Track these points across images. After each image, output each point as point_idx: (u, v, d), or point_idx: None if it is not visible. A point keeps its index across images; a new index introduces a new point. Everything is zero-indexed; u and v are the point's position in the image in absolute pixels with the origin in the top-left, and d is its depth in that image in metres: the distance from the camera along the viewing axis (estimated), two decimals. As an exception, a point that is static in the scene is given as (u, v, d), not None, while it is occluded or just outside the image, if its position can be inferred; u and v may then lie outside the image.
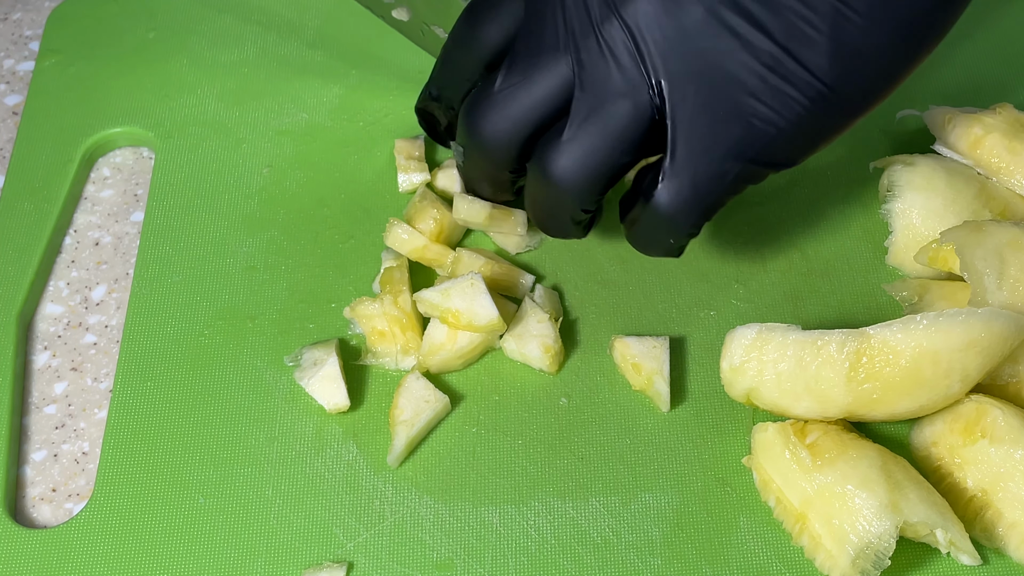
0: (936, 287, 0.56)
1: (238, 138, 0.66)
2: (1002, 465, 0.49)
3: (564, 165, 0.49)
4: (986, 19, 0.70)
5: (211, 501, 0.52)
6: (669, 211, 0.49)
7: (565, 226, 0.53)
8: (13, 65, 0.72)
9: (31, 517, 0.53)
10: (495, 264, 0.57)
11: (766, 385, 0.50)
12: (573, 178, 0.49)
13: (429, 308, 0.54)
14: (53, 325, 0.60)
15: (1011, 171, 0.58)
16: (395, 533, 0.51)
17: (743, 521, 0.51)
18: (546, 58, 0.49)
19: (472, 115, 0.51)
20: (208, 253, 0.61)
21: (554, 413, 0.55)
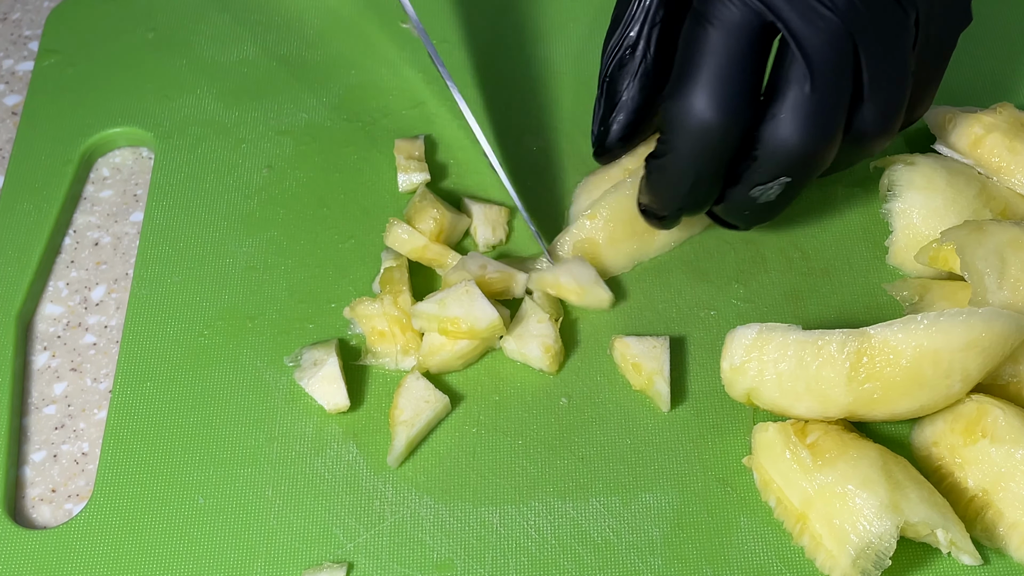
0: (937, 287, 0.56)
1: (238, 138, 0.65)
2: (1003, 465, 0.49)
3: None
4: (986, 19, 0.70)
5: (211, 501, 0.52)
6: (881, 130, 0.51)
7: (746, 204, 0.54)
8: (12, 65, 0.72)
9: (31, 518, 0.53)
10: (486, 270, 0.57)
11: (766, 385, 0.50)
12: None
13: (427, 321, 0.54)
14: (53, 325, 0.60)
15: (1011, 170, 0.58)
16: (395, 533, 0.51)
17: (744, 521, 0.51)
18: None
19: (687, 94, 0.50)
20: (208, 253, 0.61)
21: (554, 413, 0.55)
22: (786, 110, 0.49)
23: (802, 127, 0.49)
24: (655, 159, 0.52)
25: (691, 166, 0.51)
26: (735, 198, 0.53)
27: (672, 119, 0.50)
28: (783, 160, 0.50)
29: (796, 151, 0.50)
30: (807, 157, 0.50)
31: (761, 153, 0.50)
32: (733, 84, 0.49)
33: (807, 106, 0.49)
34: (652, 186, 0.54)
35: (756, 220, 0.56)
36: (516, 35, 0.70)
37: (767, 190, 0.52)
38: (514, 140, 0.65)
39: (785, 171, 0.51)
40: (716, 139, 0.50)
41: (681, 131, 0.50)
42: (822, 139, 0.50)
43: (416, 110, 0.66)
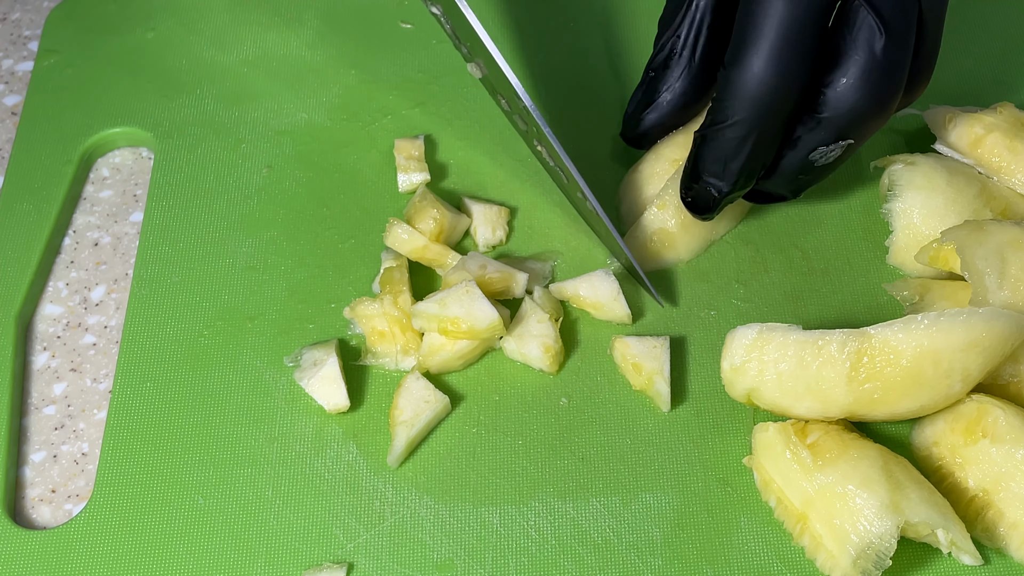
0: (937, 287, 0.56)
1: (237, 138, 0.65)
2: (1003, 465, 0.49)
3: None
4: (986, 19, 0.70)
5: (211, 502, 0.52)
6: (926, 78, 0.54)
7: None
8: (12, 65, 0.72)
9: (30, 518, 0.53)
10: (486, 270, 0.57)
11: (767, 385, 0.50)
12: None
13: (427, 321, 0.54)
14: (52, 326, 0.60)
15: (1012, 170, 0.58)
16: (395, 534, 0.51)
17: (744, 521, 0.51)
18: None
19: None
20: (207, 253, 0.61)
21: (554, 413, 0.54)
22: (856, 72, 0.50)
23: (874, 87, 0.51)
24: (713, 127, 0.53)
25: (752, 131, 0.52)
26: (792, 163, 0.54)
27: (734, 84, 0.51)
28: (852, 121, 0.52)
29: (865, 112, 0.51)
30: (875, 117, 0.52)
31: (828, 115, 0.51)
32: (795, 47, 0.50)
33: (879, 66, 0.50)
34: (709, 155, 0.53)
35: (807, 185, 0.56)
36: (516, 36, 0.70)
37: (828, 152, 0.53)
38: (514, 140, 0.64)
39: (851, 132, 0.52)
40: (777, 102, 0.51)
41: (743, 95, 0.51)
42: (890, 98, 0.52)
43: (416, 110, 0.66)
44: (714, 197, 0.54)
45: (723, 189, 0.54)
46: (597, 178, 0.62)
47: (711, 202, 0.55)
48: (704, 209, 0.55)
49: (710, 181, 0.54)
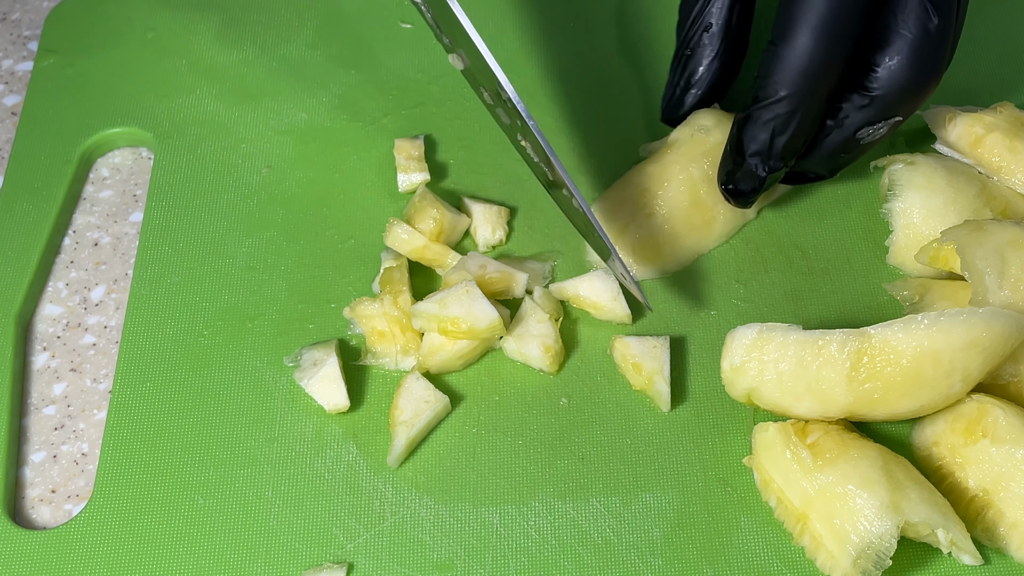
0: (937, 286, 0.56)
1: (237, 138, 0.65)
2: (1003, 465, 0.49)
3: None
4: (987, 18, 0.69)
5: (211, 502, 0.52)
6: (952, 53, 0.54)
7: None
8: (12, 65, 0.72)
9: (30, 518, 0.53)
10: (486, 270, 0.57)
11: (767, 385, 0.50)
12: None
13: (426, 321, 0.54)
14: (52, 326, 0.60)
15: (1012, 170, 0.58)
16: (395, 534, 0.51)
17: (744, 521, 0.51)
18: None
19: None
20: (207, 253, 0.60)
21: (554, 413, 0.54)
22: (908, 49, 0.52)
23: (926, 64, 0.52)
24: (759, 104, 0.53)
25: (799, 105, 0.52)
26: (837, 141, 0.55)
27: (782, 58, 0.52)
28: (902, 98, 0.53)
29: (916, 88, 0.53)
30: (924, 93, 0.53)
31: (880, 92, 0.53)
32: (844, 23, 0.51)
33: (931, 43, 0.52)
34: (755, 133, 0.54)
35: (846, 164, 0.58)
36: (517, 36, 0.70)
37: (876, 131, 0.54)
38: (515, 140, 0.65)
39: (900, 109, 0.54)
40: (825, 77, 0.52)
41: (791, 70, 0.52)
42: (939, 74, 0.53)
43: (416, 110, 0.66)
44: (760, 177, 0.55)
45: (771, 166, 0.54)
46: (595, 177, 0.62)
47: (756, 183, 0.55)
48: (748, 192, 0.56)
49: (756, 161, 0.54)
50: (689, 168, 0.59)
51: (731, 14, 0.59)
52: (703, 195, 0.59)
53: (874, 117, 0.54)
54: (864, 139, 0.55)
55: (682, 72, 0.61)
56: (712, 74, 0.60)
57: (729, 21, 0.59)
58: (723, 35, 0.59)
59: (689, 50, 0.60)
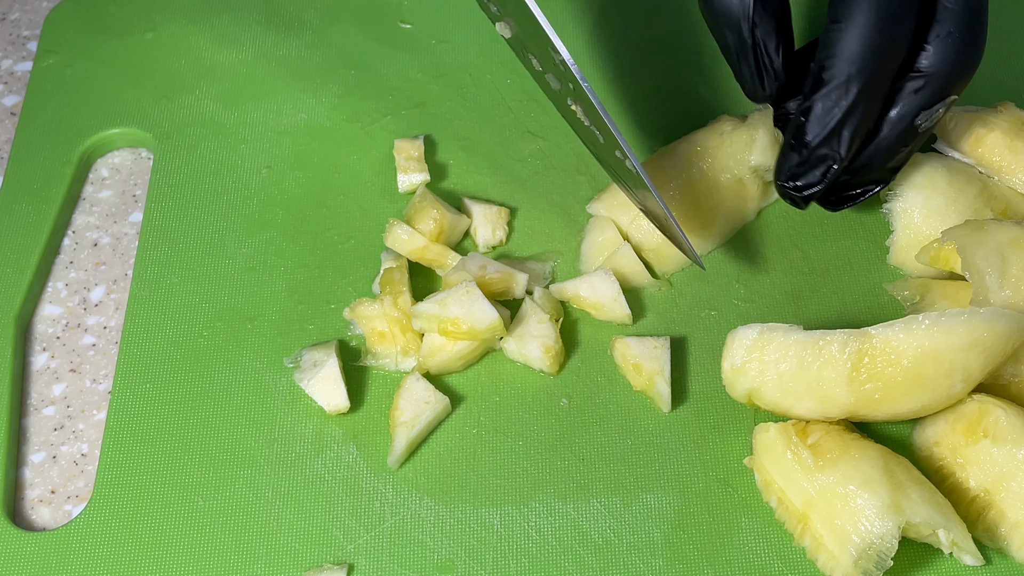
0: (938, 286, 0.56)
1: (237, 139, 0.65)
2: (1004, 465, 0.48)
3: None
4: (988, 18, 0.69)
5: (211, 503, 0.52)
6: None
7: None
8: (11, 65, 0.72)
9: (30, 519, 0.53)
10: (487, 271, 0.57)
11: (767, 385, 0.50)
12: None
13: (427, 322, 0.54)
14: (52, 326, 0.60)
15: (1013, 170, 0.58)
16: (395, 535, 0.51)
17: (745, 522, 0.51)
18: None
19: None
20: (207, 254, 0.60)
21: (555, 414, 0.54)
22: (958, 23, 0.52)
23: (973, 36, 0.52)
24: (821, 90, 0.51)
25: (865, 88, 0.51)
26: (896, 132, 0.53)
27: (845, 40, 0.51)
28: (956, 73, 0.52)
29: (969, 62, 0.53)
30: (974, 67, 0.53)
31: (935, 70, 0.52)
32: (900, 5, 0.50)
33: (975, 13, 0.52)
34: (820, 122, 0.52)
35: (904, 161, 0.56)
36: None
37: (932, 114, 0.53)
38: (515, 140, 0.64)
39: (955, 86, 0.53)
40: (889, 57, 0.51)
41: (855, 51, 0.51)
42: (983, 45, 0.53)
43: (416, 110, 0.66)
44: (828, 168, 0.53)
45: (839, 155, 0.52)
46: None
47: (824, 176, 0.53)
48: (814, 185, 0.53)
49: (824, 152, 0.52)
50: (689, 169, 0.59)
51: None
52: (703, 196, 0.59)
53: (931, 98, 0.53)
54: (922, 126, 0.53)
55: (748, 54, 0.54)
56: (783, 42, 0.54)
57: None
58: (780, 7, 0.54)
59: (753, 24, 0.54)
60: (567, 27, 0.70)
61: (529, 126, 0.65)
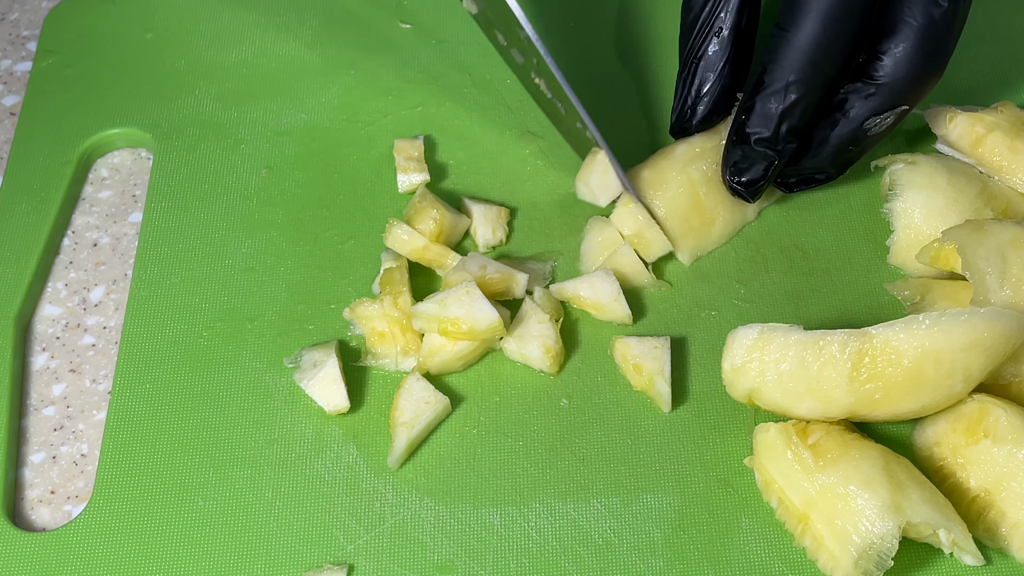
0: (938, 286, 0.56)
1: (236, 139, 0.65)
2: (1005, 465, 0.48)
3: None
4: (986, 19, 0.69)
5: (211, 503, 0.52)
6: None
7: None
8: (10, 66, 0.72)
9: (29, 519, 0.53)
10: (487, 271, 0.57)
11: (768, 385, 0.50)
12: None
13: (427, 322, 0.54)
14: (51, 326, 0.60)
15: (1013, 170, 0.58)
16: (396, 535, 0.51)
17: (745, 522, 0.51)
18: None
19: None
20: (207, 254, 0.60)
21: (555, 414, 0.54)
22: (915, 37, 0.52)
23: (933, 52, 0.53)
24: (765, 91, 0.54)
25: (807, 91, 0.53)
26: (845, 133, 0.55)
27: (791, 45, 0.53)
28: (908, 87, 0.54)
29: (923, 76, 0.54)
30: (930, 81, 0.54)
31: (886, 80, 0.53)
32: (850, 9, 0.52)
33: (938, 31, 0.52)
34: (761, 122, 0.55)
35: (855, 159, 0.58)
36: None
37: (883, 120, 0.55)
38: (514, 140, 0.64)
39: (907, 98, 0.54)
40: (831, 63, 0.53)
41: (799, 56, 0.53)
42: (945, 62, 0.54)
43: (416, 110, 0.66)
44: (769, 163, 0.56)
45: (779, 152, 0.55)
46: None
47: (764, 170, 0.56)
48: (757, 181, 0.56)
49: (763, 148, 0.55)
50: (687, 170, 0.59)
51: (740, 18, 0.58)
52: (702, 197, 0.59)
53: (880, 106, 0.54)
54: (872, 130, 0.56)
55: (691, 82, 0.59)
56: (724, 81, 0.59)
57: (738, 25, 0.58)
58: (732, 40, 0.58)
59: (696, 58, 0.59)
60: (564, 27, 0.70)
61: (529, 126, 0.65)
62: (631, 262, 0.58)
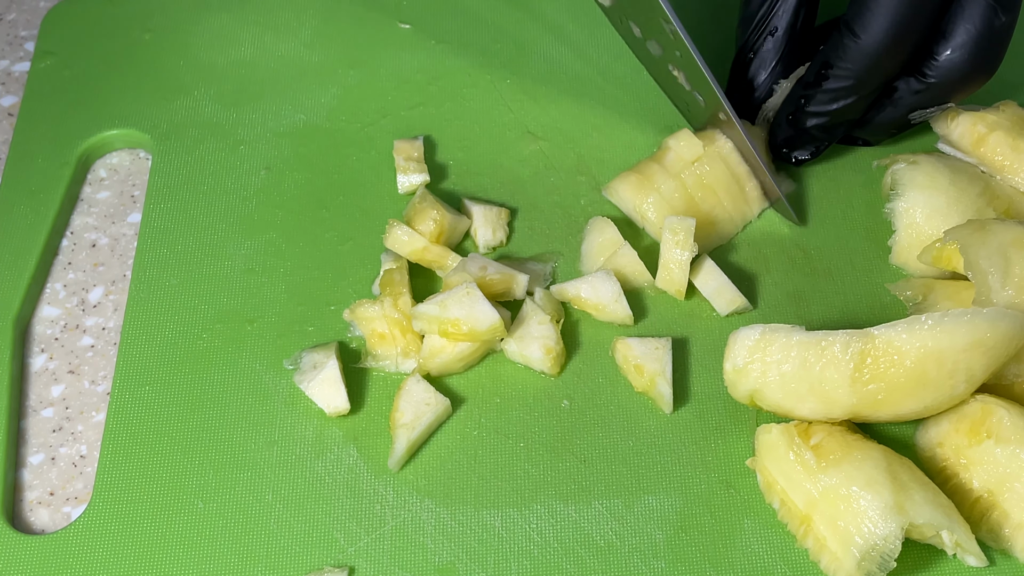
0: (940, 286, 0.56)
1: (236, 140, 0.65)
2: (1008, 465, 0.48)
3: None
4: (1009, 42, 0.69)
5: (211, 506, 0.52)
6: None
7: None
8: (8, 66, 0.72)
9: (28, 521, 0.53)
10: (487, 272, 0.56)
11: (770, 386, 0.50)
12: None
13: (427, 323, 0.54)
14: (50, 327, 0.59)
15: (1015, 169, 0.57)
16: (396, 537, 0.51)
17: (747, 523, 0.51)
18: None
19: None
20: (206, 255, 0.60)
21: (556, 415, 0.54)
22: (970, 42, 0.54)
23: (985, 58, 0.55)
24: (826, 85, 0.56)
25: (867, 91, 0.56)
26: (890, 118, 0.59)
27: (859, 46, 0.54)
28: (957, 88, 0.56)
29: (972, 79, 0.56)
30: (978, 84, 0.56)
31: (937, 80, 0.56)
32: (917, 14, 0.53)
33: (993, 39, 0.54)
34: (819, 111, 0.57)
35: (894, 136, 0.62)
36: (516, 35, 0.70)
37: (927, 113, 0.58)
38: (514, 140, 0.64)
39: (954, 97, 0.57)
40: (893, 65, 0.55)
41: (864, 57, 0.54)
42: (996, 67, 0.56)
43: (415, 110, 0.66)
44: (818, 147, 0.60)
45: (830, 139, 0.60)
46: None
47: (813, 153, 0.60)
48: (803, 157, 0.60)
49: (818, 135, 0.59)
50: (681, 176, 0.59)
51: (796, 18, 0.59)
52: (698, 200, 0.59)
53: (928, 103, 0.57)
54: (915, 120, 0.59)
55: (742, 76, 0.61)
56: (775, 78, 0.61)
57: (794, 26, 0.59)
58: (786, 39, 0.60)
59: (752, 53, 0.61)
60: (564, 27, 0.70)
61: (529, 126, 0.65)
62: (632, 262, 0.58)
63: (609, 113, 0.65)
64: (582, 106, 0.66)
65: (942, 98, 0.57)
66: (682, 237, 0.56)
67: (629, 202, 0.59)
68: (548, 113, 0.66)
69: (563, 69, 0.68)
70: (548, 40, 0.70)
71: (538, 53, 0.69)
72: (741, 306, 0.57)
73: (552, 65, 0.68)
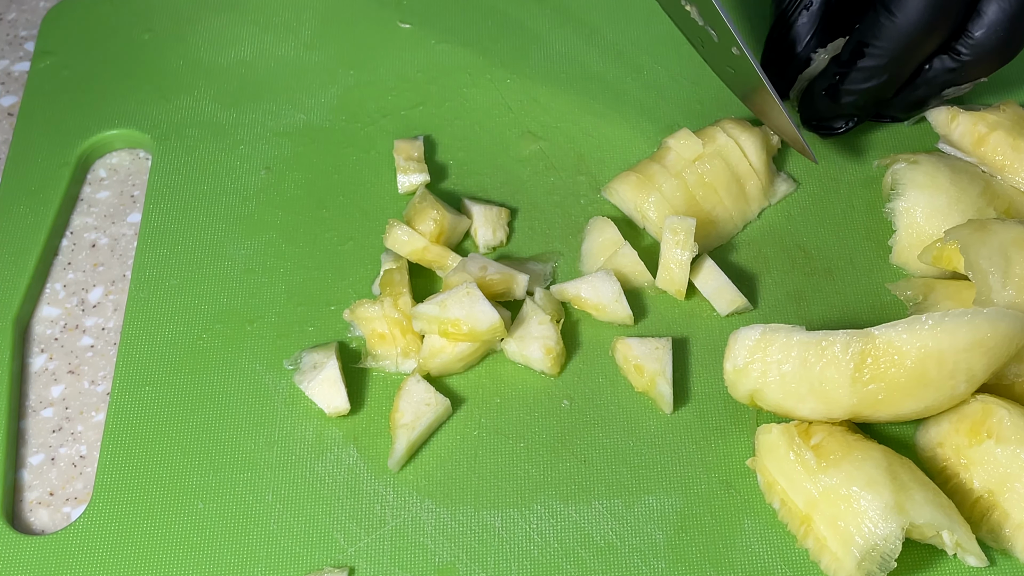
0: (941, 286, 0.56)
1: (235, 140, 0.65)
2: (1008, 465, 0.48)
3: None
4: None
5: (211, 506, 0.52)
6: None
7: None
8: (8, 66, 0.72)
9: (28, 522, 0.53)
10: (487, 272, 0.56)
11: (770, 386, 0.50)
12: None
13: (427, 323, 0.54)
14: (50, 328, 0.59)
15: (1015, 168, 0.57)
16: (396, 537, 0.51)
17: (747, 523, 0.51)
18: None
19: None
20: (206, 255, 0.60)
21: (556, 415, 0.54)
22: (1003, 18, 0.55)
23: (1016, 36, 0.56)
24: (861, 63, 0.57)
25: (901, 69, 0.57)
26: (924, 95, 0.60)
27: (896, 25, 0.55)
28: (990, 64, 0.57)
29: (1005, 55, 0.57)
30: (1010, 58, 0.57)
31: (971, 57, 0.57)
32: (949, 7, 0.54)
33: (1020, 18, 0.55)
34: (853, 88, 0.58)
35: (924, 111, 0.62)
36: (517, 35, 0.70)
37: (960, 91, 0.60)
38: (514, 140, 0.64)
39: (985, 73, 0.58)
40: (928, 44, 0.56)
41: (900, 36, 0.55)
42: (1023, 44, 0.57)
43: (415, 110, 0.66)
44: (849, 122, 0.61)
45: (862, 115, 0.61)
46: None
47: (844, 125, 0.62)
48: (834, 131, 0.62)
49: (851, 111, 0.60)
50: (682, 175, 0.59)
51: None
52: (699, 199, 0.59)
53: (961, 80, 0.58)
54: (949, 96, 0.60)
55: (778, 48, 0.62)
56: (809, 52, 0.61)
57: (829, 0, 0.60)
58: (821, 15, 0.60)
59: (787, 26, 0.61)
60: (564, 27, 0.70)
61: (529, 126, 0.65)
62: (632, 262, 0.58)
63: (609, 113, 0.65)
64: (582, 106, 0.66)
65: (975, 76, 0.58)
66: (682, 237, 0.56)
67: (629, 202, 0.59)
68: (548, 113, 0.66)
69: (563, 69, 0.68)
70: (548, 40, 0.70)
71: (538, 53, 0.69)
72: (741, 306, 0.57)
73: (552, 65, 0.68)
